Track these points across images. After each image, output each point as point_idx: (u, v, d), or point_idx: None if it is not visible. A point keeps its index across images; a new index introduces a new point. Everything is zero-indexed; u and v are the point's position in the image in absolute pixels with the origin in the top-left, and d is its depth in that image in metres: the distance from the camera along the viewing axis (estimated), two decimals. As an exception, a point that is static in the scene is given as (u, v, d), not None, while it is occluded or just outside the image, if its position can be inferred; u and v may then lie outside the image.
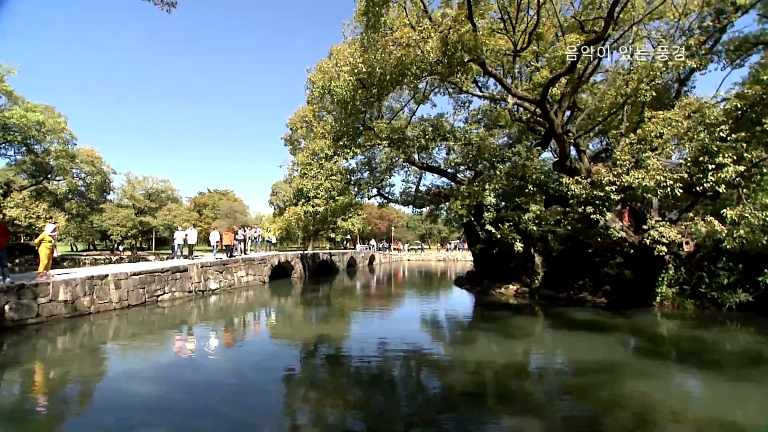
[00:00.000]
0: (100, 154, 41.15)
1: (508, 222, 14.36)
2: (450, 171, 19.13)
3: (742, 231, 9.92)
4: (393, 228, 67.31)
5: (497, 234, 14.30)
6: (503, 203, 16.42)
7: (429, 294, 20.84)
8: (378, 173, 19.91)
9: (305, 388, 6.47)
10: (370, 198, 21.18)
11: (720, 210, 10.61)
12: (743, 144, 9.95)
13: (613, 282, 14.25)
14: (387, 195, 21.15)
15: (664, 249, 11.32)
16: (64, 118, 33.72)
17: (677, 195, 10.87)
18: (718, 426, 5.10)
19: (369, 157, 20.04)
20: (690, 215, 12.41)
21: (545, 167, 15.52)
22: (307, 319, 12.93)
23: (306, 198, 18.97)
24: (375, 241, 55.64)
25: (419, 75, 11.54)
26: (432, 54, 10.55)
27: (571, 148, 14.26)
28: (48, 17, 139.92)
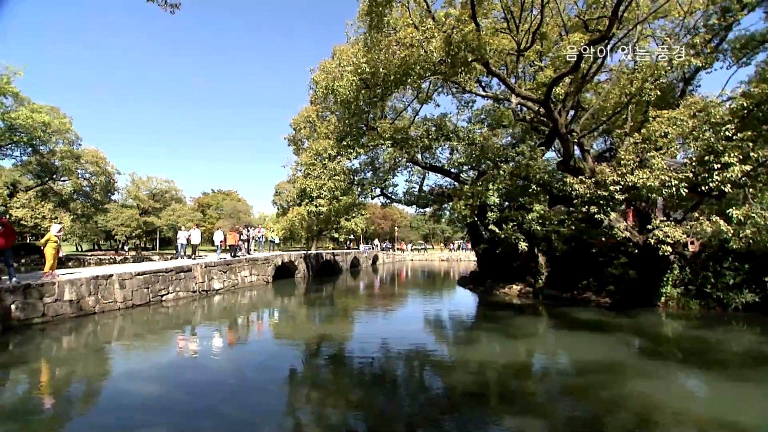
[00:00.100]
0: (104, 154, 41.53)
1: (511, 222, 14.29)
2: (453, 171, 19.07)
3: (748, 231, 9.85)
4: (396, 228, 67.26)
5: (501, 234, 14.24)
6: (507, 203, 16.34)
7: (432, 294, 20.81)
8: (381, 173, 19.88)
9: (307, 388, 6.48)
10: (373, 198, 21.19)
11: (726, 210, 10.53)
12: (749, 143, 9.87)
13: (618, 282, 14.17)
14: (390, 195, 21.12)
15: (668, 249, 11.25)
16: (69, 118, 33.86)
17: (682, 195, 10.79)
18: (719, 426, 5.07)
19: (372, 157, 20.02)
20: (695, 215, 12.34)
21: (549, 167, 15.43)
22: (310, 319, 12.94)
23: (309, 198, 19.03)
24: (378, 241, 55.54)
25: (423, 75, 11.53)
26: (435, 54, 10.54)
27: (575, 147, 14.17)
28: (48, 17, 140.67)
